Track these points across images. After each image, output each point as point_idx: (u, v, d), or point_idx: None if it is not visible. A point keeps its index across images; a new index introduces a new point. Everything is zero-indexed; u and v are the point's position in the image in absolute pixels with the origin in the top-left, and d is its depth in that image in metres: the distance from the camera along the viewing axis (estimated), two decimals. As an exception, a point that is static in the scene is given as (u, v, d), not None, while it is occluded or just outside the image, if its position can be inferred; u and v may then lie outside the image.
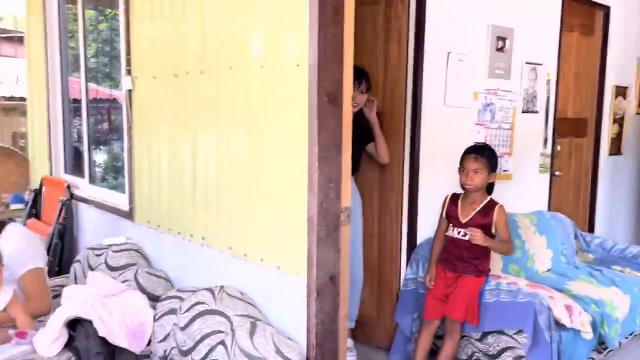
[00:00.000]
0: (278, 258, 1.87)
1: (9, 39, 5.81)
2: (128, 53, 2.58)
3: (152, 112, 2.51)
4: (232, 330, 1.79)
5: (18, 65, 4.46)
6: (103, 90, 3.59)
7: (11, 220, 2.54)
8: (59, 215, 3.25)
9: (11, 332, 2.07)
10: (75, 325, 2.06)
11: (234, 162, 2.03)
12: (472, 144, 2.63)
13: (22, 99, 5.13)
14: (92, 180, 3.25)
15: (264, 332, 1.76)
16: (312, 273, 1.71)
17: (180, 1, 2.21)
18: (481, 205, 2.36)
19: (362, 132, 2.54)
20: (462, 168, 2.36)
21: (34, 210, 3.61)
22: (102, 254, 2.64)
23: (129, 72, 2.59)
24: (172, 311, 2.07)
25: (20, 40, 5.38)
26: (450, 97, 2.79)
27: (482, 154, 2.34)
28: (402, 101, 2.65)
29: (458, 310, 2.37)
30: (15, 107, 5.37)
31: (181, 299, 2.09)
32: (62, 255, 3.23)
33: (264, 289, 1.95)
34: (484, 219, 2.34)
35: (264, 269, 1.92)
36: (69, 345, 2.04)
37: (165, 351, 2.03)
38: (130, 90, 2.60)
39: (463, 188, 2.38)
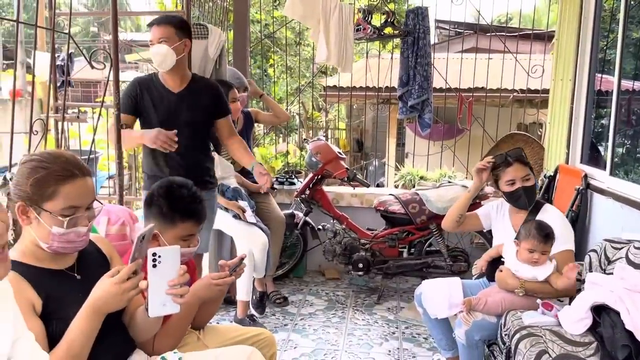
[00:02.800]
0: None
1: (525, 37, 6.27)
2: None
3: None
4: None
5: (533, 61, 4.77)
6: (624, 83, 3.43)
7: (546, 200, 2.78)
8: (573, 203, 3.34)
9: (538, 301, 2.28)
10: (599, 311, 2.09)
11: None
12: None
13: (535, 91, 5.50)
14: (612, 172, 3.17)
15: None
16: None
17: None
18: None
19: None
20: None
21: (546, 195, 3.83)
22: (622, 247, 2.55)
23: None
24: None
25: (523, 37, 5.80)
26: None
27: None
28: None
29: None
30: (531, 99, 5.82)
31: None
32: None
33: None
34: None
35: None
36: (592, 329, 2.10)
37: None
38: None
39: None
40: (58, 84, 3.71)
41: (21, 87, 7.72)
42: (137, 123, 2.88)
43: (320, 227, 4.16)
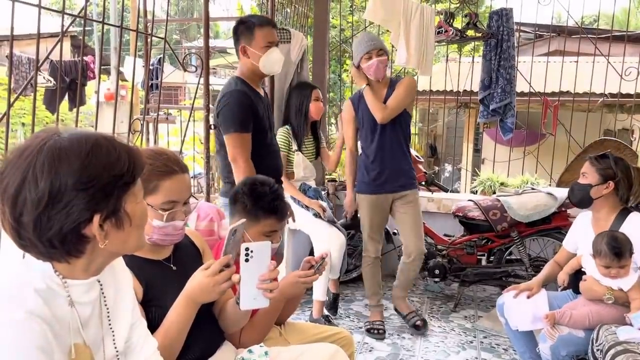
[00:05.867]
0: None
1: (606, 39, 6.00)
2: None
3: None
4: None
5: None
6: None
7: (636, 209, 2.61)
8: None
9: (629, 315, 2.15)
10: None
11: None
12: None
13: (627, 95, 5.18)
14: None
15: None
16: None
17: None
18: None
19: None
20: None
21: (641, 206, 3.59)
22: None
23: None
24: None
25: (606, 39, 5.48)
26: None
27: None
28: None
29: None
30: (622, 103, 5.49)
31: None
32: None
33: None
34: None
35: None
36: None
37: None
38: None
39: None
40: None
41: (114, 91, 8.25)
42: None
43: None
